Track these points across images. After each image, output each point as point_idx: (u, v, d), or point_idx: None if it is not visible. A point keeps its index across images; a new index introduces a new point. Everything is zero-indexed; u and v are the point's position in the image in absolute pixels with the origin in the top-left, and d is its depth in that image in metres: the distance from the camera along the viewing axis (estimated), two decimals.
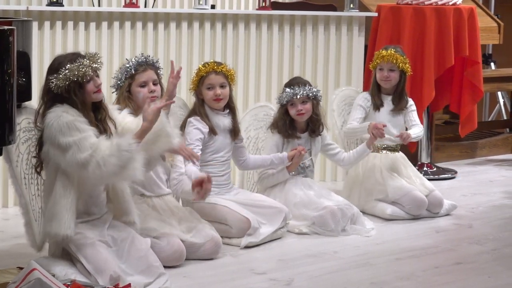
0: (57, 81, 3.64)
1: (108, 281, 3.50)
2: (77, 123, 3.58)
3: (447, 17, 6.03)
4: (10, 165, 3.76)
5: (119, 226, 3.81)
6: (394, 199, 5.03)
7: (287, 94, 4.77)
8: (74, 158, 3.54)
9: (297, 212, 4.66)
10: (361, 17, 5.97)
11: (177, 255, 3.99)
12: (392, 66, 5.16)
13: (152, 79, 4.18)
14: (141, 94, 4.14)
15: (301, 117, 4.79)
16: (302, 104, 4.76)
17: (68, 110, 3.63)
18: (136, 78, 4.15)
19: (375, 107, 5.19)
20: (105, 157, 3.53)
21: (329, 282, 3.87)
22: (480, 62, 6.26)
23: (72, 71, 3.64)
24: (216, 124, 4.51)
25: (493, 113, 8.01)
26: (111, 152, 3.54)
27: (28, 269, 3.29)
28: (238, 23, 5.62)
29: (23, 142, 3.78)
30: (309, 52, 5.85)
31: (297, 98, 4.75)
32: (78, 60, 3.66)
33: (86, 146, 3.54)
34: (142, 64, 4.17)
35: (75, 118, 3.60)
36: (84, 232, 3.67)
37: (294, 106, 4.78)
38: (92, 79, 3.68)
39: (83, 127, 3.59)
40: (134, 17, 5.31)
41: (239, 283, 3.82)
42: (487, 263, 4.21)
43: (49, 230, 3.65)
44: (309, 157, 4.87)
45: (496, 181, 6.14)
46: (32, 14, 4.98)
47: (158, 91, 4.18)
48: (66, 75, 3.63)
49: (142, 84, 4.16)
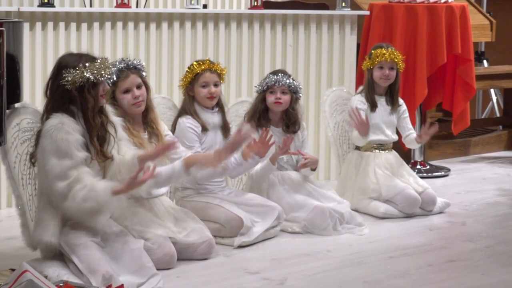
0: (74, 76, 3.63)
1: (100, 281, 3.49)
2: (72, 148, 3.57)
3: (439, 15, 6.04)
4: (8, 166, 3.76)
5: (112, 226, 3.81)
6: (388, 197, 5.03)
7: (269, 80, 4.74)
8: (54, 184, 3.56)
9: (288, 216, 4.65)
10: (353, 16, 5.97)
11: (167, 258, 3.98)
12: (393, 65, 5.17)
13: (136, 84, 4.16)
14: (125, 101, 4.15)
15: (277, 106, 4.74)
16: (281, 93, 4.74)
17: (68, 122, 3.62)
18: (119, 85, 4.15)
19: (371, 108, 5.18)
20: (79, 199, 3.55)
21: (323, 281, 3.87)
22: (473, 60, 6.26)
23: (92, 69, 3.64)
24: (206, 121, 4.53)
25: (486, 111, 8.02)
26: (86, 196, 3.54)
27: (20, 271, 3.28)
28: (230, 22, 5.61)
29: (22, 142, 3.78)
30: (301, 51, 5.85)
31: (278, 86, 4.72)
32: (96, 61, 3.67)
33: (69, 175, 3.55)
34: (123, 70, 4.16)
35: (72, 140, 3.58)
36: (76, 232, 3.67)
37: (273, 93, 4.74)
38: (103, 83, 3.70)
39: (75, 154, 3.57)
40: (126, 18, 5.30)
41: (233, 283, 3.82)
42: (481, 260, 4.21)
43: (34, 235, 3.70)
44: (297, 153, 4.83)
45: (489, 179, 6.15)
46: (24, 15, 4.97)
47: (143, 94, 4.18)
48: (82, 72, 3.63)
49: (125, 90, 4.15)
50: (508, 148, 7.26)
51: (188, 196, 4.53)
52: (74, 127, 3.63)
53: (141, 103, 4.15)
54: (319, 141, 5.90)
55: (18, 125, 3.78)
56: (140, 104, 4.16)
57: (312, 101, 5.89)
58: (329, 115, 5.33)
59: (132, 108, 4.16)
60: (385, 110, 5.22)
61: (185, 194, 4.54)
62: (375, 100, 5.20)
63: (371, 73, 5.21)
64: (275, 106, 4.75)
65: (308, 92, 5.87)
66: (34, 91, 5.03)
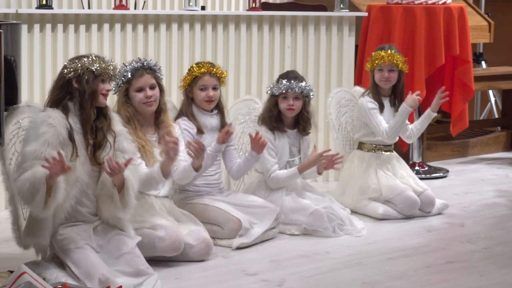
0: (76, 65, 3.65)
1: (97, 285, 3.49)
2: (44, 142, 3.54)
3: (437, 16, 6.04)
4: (3, 163, 3.76)
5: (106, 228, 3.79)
6: (388, 198, 5.03)
7: (282, 86, 4.71)
8: (16, 166, 3.56)
9: (287, 218, 4.65)
10: (351, 17, 5.97)
11: (176, 244, 4.00)
12: (392, 67, 5.15)
13: (149, 84, 4.19)
14: (137, 98, 4.19)
15: (290, 113, 4.76)
16: (294, 99, 4.74)
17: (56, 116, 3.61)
18: (133, 83, 4.19)
19: (380, 109, 5.18)
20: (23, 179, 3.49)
21: (321, 282, 3.87)
22: (471, 61, 6.26)
23: (93, 61, 3.67)
24: (203, 124, 4.52)
25: (484, 112, 8.02)
26: (27, 177, 3.48)
27: (18, 273, 3.28)
28: (228, 24, 5.62)
29: (21, 140, 3.78)
30: (299, 52, 5.85)
31: (291, 93, 4.73)
32: (102, 59, 3.70)
33: (26, 160, 3.52)
34: (138, 69, 4.19)
35: (50, 133, 3.56)
36: (70, 237, 3.66)
37: (286, 99, 4.73)
38: (105, 82, 3.70)
39: (44, 149, 3.52)
40: (124, 19, 5.30)
41: (231, 285, 3.82)
42: (479, 261, 4.21)
43: (24, 234, 3.71)
44: (299, 155, 4.85)
45: (487, 180, 6.15)
46: (22, 17, 4.97)
47: (156, 95, 4.21)
48: (83, 63, 3.65)
49: (139, 89, 4.18)
50: (506, 149, 7.26)
51: (186, 198, 4.53)
52: (60, 122, 3.61)
53: (153, 103, 4.19)
54: (317, 142, 5.89)
55: (19, 122, 3.79)
56: (151, 104, 4.19)
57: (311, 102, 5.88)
58: (335, 117, 5.33)
59: (143, 106, 4.18)
60: (389, 111, 5.22)
61: (184, 196, 4.54)
62: (382, 101, 5.20)
63: (373, 75, 5.21)
64: (288, 112, 4.75)
65: None
66: (32, 93, 5.03)
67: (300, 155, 4.85)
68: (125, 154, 3.78)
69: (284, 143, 4.77)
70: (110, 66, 3.71)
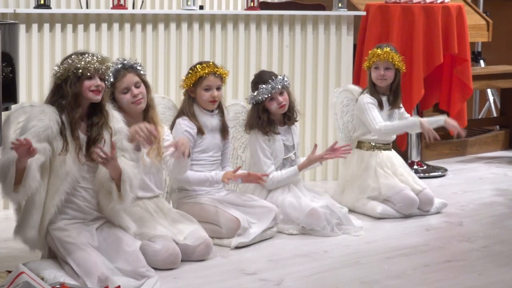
0: (59, 70, 3.68)
1: (96, 283, 3.49)
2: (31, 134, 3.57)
3: (436, 15, 6.04)
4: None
5: (108, 228, 3.80)
6: (387, 196, 5.03)
7: (265, 91, 4.68)
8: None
9: (285, 216, 4.64)
10: (349, 16, 5.97)
11: (172, 258, 3.98)
12: (388, 65, 5.15)
13: (133, 82, 4.15)
14: (125, 100, 4.14)
15: (283, 109, 4.75)
16: (281, 96, 4.73)
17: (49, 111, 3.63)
18: (117, 85, 4.14)
19: (379, 106, 5.18)
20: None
21: (320, 281, 3.87)
22: (469, 60, 6.26)
23: (74, 62, 3.67)
24: (204, 124, 4.51)
25: (483, 111, 8.02)
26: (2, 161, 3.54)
27: (16, 273, 3.28)
28: (226, 23, 5.62)
29: None
30: (298, 51, 5.85)
31: (276, 92, 4.71)
32: (84, 56, 3.69)
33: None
34: (119, 70, 4.15)
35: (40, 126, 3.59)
36: (72, 234, 3.67)
37: (273, 100, 4.71)
38: (92, 78, 3.68)
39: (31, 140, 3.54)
40: (122, 19, 5.30)
41: (230, 284, 3.82)
42: (478, 260, 4.21)
43: (14, 231, 3.72)
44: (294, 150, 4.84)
45: (486, 179, 6.15)
46: (20, 16, 4.97)
47: (143, 92, 4.16)
48: (68, 65, 3.67)
49: (124, 90, 4.14)
50: (505, 148, 7.26)
51: (184, 197, 4.53)
52: (51, 116, 3.63)
53: (141, 100, 4.14)
54: (316, 141, 5.89)
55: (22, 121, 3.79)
56: (140, 102, 4.13)
57: (309, 101, 5.89)
58: (339, 117, 5.32)
59: (132, 106, 4.14)
60: (387, 110, 5.22)
61: (183, 195, 4.54)
62: (380, 99, 5.20)
63: (370, 73, 5.21)
64: (281, 110, 4.74)
65: (305, 92, 5.88)
66: (30, 92, 5.03)
67: (295, 149, 4.84)
68: (125, 153, 3.78)
69: (278, 141, 4.76)
70: (93, 60, 3.68)
